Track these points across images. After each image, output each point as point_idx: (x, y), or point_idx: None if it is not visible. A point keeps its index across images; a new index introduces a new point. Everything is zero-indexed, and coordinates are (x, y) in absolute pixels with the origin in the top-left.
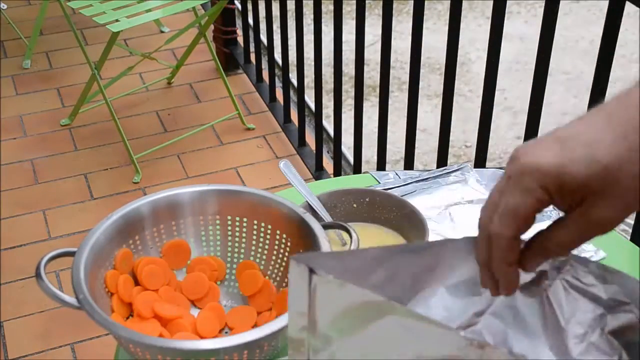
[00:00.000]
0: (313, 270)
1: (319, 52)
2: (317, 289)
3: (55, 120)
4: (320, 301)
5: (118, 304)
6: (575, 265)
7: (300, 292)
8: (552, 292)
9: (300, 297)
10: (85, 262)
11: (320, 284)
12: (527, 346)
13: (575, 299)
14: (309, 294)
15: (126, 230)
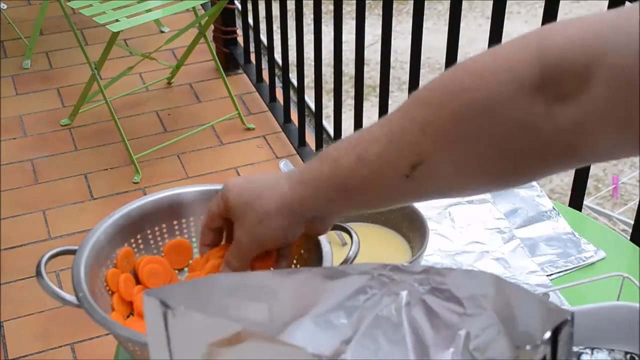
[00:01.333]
0: (166, 304)
1: (319, 52)
2: (171, 324)
3: (55, 120)
4: (177, 337)
5: (119, 303)
6: (433, 284)
7: (158, 329)
8: (415, 310)
9: (157, 335)
10: (85, 260)
11: (173, 317)
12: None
13: (437, 316)
14: (165, 330)
15: (128, 229)
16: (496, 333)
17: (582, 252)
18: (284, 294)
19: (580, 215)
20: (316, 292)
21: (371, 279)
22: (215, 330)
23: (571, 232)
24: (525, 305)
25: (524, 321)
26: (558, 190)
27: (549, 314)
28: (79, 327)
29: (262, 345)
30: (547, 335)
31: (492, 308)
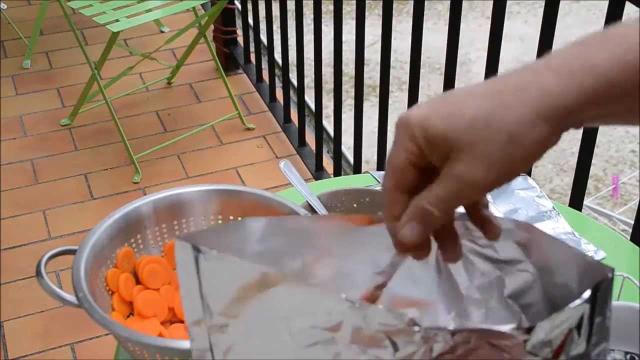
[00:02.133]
0: (197, 249)
1: (319, 52)
2: (203, 268)
3: (55, 120)
4: (209, 281)
5: (119, 303)
6: (470, 229)
7: (189, 274)
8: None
9: (189, 279)
10: (85, 260)
11: (205, 261)
12: (425, 313)
13: (472, 263)
14: (197, 275)
15: (128, 229)
16: (532, 281)
17: None
18: (317, 240)
19: (580, 215)
20: (350, 239)
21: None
22: (247, 273)
23: (571, 232)
24: (563, 256)
25: (560, 272)
26: (558, 190)
27: (587, 268)
28: (79, 327)
29: (295, 289)
30: (587, 295)
31: (528, 256)
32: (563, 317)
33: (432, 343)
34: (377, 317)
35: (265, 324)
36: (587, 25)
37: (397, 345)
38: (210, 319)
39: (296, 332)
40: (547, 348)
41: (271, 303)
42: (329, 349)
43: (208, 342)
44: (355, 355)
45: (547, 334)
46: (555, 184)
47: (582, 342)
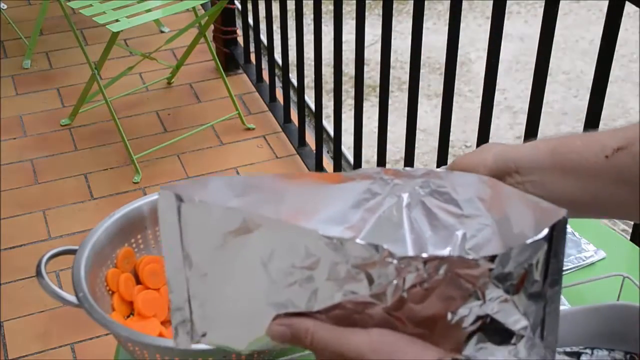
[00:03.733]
0: (180, 198)
1: (319, 52)
2: (185, 217)
3: (55, 120)
4: (190, 229)
5: (119, 303)
6: (435, 187)
7: (171, 223)
8: (415, 211)
9: (171, 230)
10: (86, 260)
11: (188, 209)
12: (397, 251)
13: (436, 218)
14: (179, 224)
15: (128, 229)
16: (491, 234)
17: (582, 252)
18: (291, 197)
19: None
20: (322, 196)
21: (374, 182)
22: (227, 219)
23: (571, 232)
24: (520, 206)
25: (518, 222)
26: None
27: (543, 213)
28: (79, 327)
29: (273, 231)
30: (545, 233)
31: (488, 210)
32: (523, 252)
33: (404, 274)
34: (354, 251)
35: (244, 270)
36: (587, 25)
37: (372, 279)
38: (189, 269)
39: (275, 273)
40: (508, 281)
41: (250, 249)
42: (306, 287)
43: (186, 293)
44: (332, 291)
45: (508, 266)
46: None
47: (539, 280)
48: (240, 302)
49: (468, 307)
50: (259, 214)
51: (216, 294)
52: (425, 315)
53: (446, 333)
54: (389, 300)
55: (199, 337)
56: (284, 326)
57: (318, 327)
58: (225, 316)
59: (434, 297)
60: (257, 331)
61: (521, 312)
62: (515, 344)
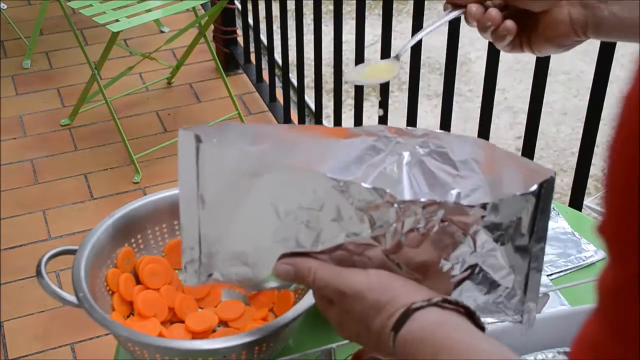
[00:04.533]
0: (199, 139)
1: (319, 52)
2: (203, 157)
3: (55, 120)
4: (207, 170)
5: (119, 303)
6: (434, 147)
7: (189, 163)
8: (414, 169)
9: (188, 169)
10: (86, 260)
11: (206, 150)
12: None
13: (435, 177)
14: (196, 164)
15: (128, 229)
16: (483, 194)
17: (582, 252)
18: (301, 148)
19: (580, 215)
20: (329, 149)
21: (378, 140)
22: (243, 162)
23: (571, 232)
24: (512, 168)
25: (509, 183)
26: (558, 190)
27: (532, 173)
28: (79, 327)
29: (283, 173)
30: (534, 188)
31: (482, 171)
32: (512, 203)
33: (404, 218)
34: (359, 194)
35: (254, 211)
36: None
37: (374, 221)
38: (202, 208)
39: (283, 214)
40: (498, 231)
41: (261, 190)
42: (312, 228)
43: (197, 233)
44: (336, 232)
45: (499, 216)
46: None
47: (526, 235)
48: (249, 241)
49: (459, 255)
50: (272, 159)
51: (226, 233)
52: (420, 260)
53: (438, 279)
54: (388, 243)
55: (206, 276)
56: (289, 265)
57: (320, 266)
58: (233, 255)
59: (429, 242)
60: (264, 270)
61: (508, 264)
62: (500, 294)
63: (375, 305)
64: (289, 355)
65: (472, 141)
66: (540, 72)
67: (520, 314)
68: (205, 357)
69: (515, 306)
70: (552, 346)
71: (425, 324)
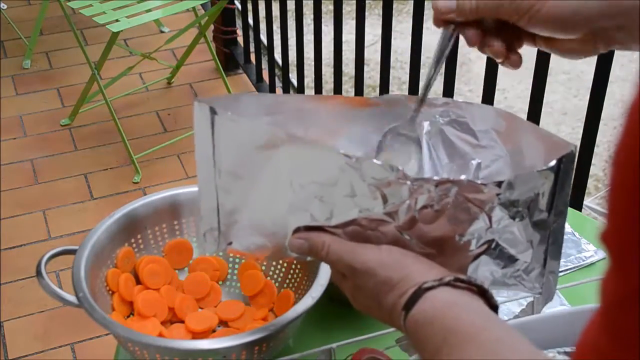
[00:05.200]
0: (214, 111)
1: (319, 52)
2: (218, 129)
3: (55, 120)
4: (222, 141)
5: (119, 303)
6: (455, 119)
7: (204, 134)
8: (435, 139)
9: (204, 141)
10: (86, 260)
11: (221, 122)
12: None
13: (454, 146)
14: (212, 136)
15: (128, 229)
16: (503, 165)
17: (582, 252)
18: (318, 118)
19: (580, 215)
20: (347, 119)
21: (397, 109)
22: (257, 133)
23: (571, 232)
24: (533, 139)
25: (529, 154)
26: None
27: (553, 146)
28: (79, 327)
29: (298, 147)
30: (553, 163)
31: (503, 142)
32: (529, 180)
33: (417, 195)
34: (371, 171)
35: (270, 183)
36: None
37: (386, 198)
38: (219, 177)
39: (298, 188)
40: (514, 207)
41: (276, 163)
42: (326, 202)
43: (216, 202)
44: (349, 207)
45: (515, 193)
46: None
47: (545, 210)
48: (264, 212)
49: (475, 231)
50: (286, 131)
51: (243, 203)
52: (434, 236)
53: (453, 254)
54: (401, 219)
55: (225, 245)
56: (302, 239)
57: (333, 241)
58: (250, 225)
59: (444, 219)
60: (280, 241)
61: (526, 240)
62: (518, 268)
63: (388, 282)
64: (289, 355)
65: (494, 111)
66: (540, 72)
67: (540, 285)
68: (205, 357)
69: (534, 279)
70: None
71: (437, 304)
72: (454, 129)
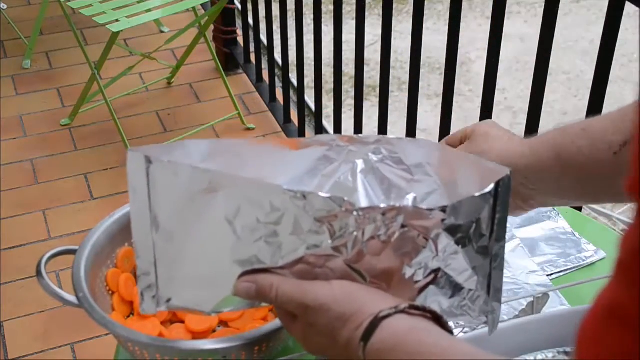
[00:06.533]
0: (149, 160)
1: (319, 52)
2: (154, 178)
3: (55, 120)
4: (159, 190)
5: (119, 303)
6: (384, 145)
7: (139, 185)
8: (369, 177)
9: (139, 192)
10: (86, 260)
11: (156, 170)
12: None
13: (391, 184)
14: (147, 186)
15: (128, 229)
16: (439, 197)
17: (582, 252)
18: (253, 162)
19: (580, 215)
20: (282, 161)
21: (330, 149)
22: (195, 180)
23: (571, 232)
24: (467, 168)
25: (464, 183)
26: None
27: (488, 172)
28: (79, 327)
29: (239, 188)
30: (491, 187)
31: (436, 173)
32: (471, 204)
33: (364, 225)
34: (317, 204)
35: (210, 229)
36: (587, 25)
37: (333, 231)
38: (156, 232)
39: (240, 230)
40: (459, 233)
41: (216, 207)
42: (271, 242)
43: (153, 257)
44: (295, 245)
45: (459, 218)
46: None
47: (486, 235)
48: (206, 262)
49: (422, 260)
50: (226, 174)
51: (182, 255)
52: (382, 268)
53: (402, 286)
54: (349, 253)
55: (164, 302)
56: (249, 282)
57: (282, 281)
58: (191, 278)
59: (391, 249)
60: (223, 291)
61: (470, 266)
62: (464, 297)
63: (342, 317)
64: (289, 355)
65: (426, 144)
66: (540, 72)
67: (486, 314)
68: (205, 357)
69: (480, 307)
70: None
71: (396, 331)
72: (387, 165)
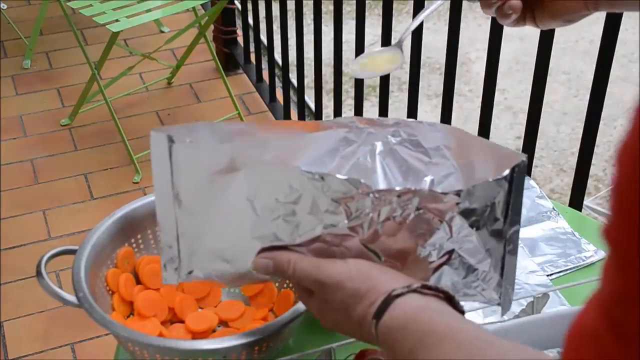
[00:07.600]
0: (172, 139)
1: (319, 52)
2: (176, 157)
3: (55, 120)
4: (181, 169)
5: (119, 303)
6: (403, 128)
7: (162, 163)
8: (387, 158)
9: (162, 170)
10: (86, 260)
11: (179, 150)
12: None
13: (408, 165)
14: (170, 165)
15: (128, 229)
16: (455, 180)
17: (582, 252)
18: (273, 144)
19: (580, 215)
20: (301, 143)
21: (349, 131)
22: (217, 159)
23: (571, 232)
24: (484, 153)
25: (480, 168)
26: (558, 190)
27: (504, 157)
28: (79, 327)
29: (258, 169)
30: (506, 172)
31: (453, 157)
32: (486, 189)
33: (380, 207)
34: (334, 185)
35: (231, 207)
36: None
37: (350, 212)
38: (179, 207)
39: (260, 209)
40: (473, 216)
41: (237, 186)
42: (289, 221)
43: (176, 231)
44: (313, 224)
45: (473, 202)
46: (555, 184)
47: (501, 219)
48: (227, 237)
49: (436, 241)
50: (246, 154)
51: (204, 230)
52: (397, 248)
53: (416, 266)
54: (365, 233)
55: (186, 274)
56: (267, 259)
57: (299, 258)
58: (212, 252)
59: (406, 230)
60: (243, 265)
61: (484, 249)
62: (477, 278)
63: (356, 294)
64: (289, 355)
65: (443, 128)
66: (540, 72)
67: (499, 295)
68: (205, 357)
69: (493, 288)
70: (552, 346)
71: (408, 310)
72: (406, 148)
